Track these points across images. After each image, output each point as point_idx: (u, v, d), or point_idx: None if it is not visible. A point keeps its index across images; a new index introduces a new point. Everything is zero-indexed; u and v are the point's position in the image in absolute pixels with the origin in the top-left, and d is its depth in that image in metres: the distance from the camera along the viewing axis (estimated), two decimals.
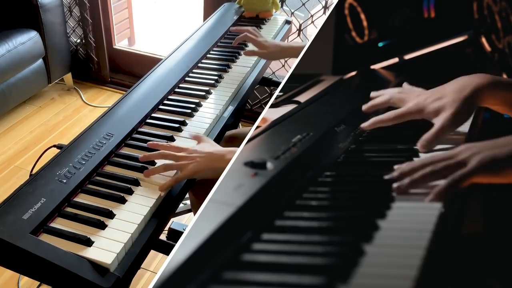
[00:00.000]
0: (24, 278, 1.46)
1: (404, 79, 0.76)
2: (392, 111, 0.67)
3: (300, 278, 0.39)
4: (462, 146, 0.54)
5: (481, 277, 0.42)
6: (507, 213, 0.49)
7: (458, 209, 0.50)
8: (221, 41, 1.43)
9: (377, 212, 0.49)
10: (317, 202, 0.54)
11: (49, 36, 2.17)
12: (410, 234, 0.46)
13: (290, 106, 0.74)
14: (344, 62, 0.90)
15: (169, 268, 0.41)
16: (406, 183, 0.53)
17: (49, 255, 0.70)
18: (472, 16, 0.84)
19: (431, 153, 0.60)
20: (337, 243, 0.45)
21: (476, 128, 0.65)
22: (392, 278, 0.39)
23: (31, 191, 0.80)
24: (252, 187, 0.51)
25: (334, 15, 0.89)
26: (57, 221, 0.77)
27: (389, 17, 0.90)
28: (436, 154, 0.56)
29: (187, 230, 0.45)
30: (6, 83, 2.02)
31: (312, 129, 0.66)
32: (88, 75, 2.55)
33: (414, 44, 0.86)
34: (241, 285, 0.40)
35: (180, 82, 1.20)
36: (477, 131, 0.64)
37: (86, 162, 0.87)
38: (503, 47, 0.82)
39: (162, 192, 0.85)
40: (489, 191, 0.54)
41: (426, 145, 0.60)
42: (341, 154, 0.64)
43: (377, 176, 0.59)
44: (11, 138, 2.11)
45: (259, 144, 0.62)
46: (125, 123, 1.00)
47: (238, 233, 0.45)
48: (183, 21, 3.71)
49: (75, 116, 2.29)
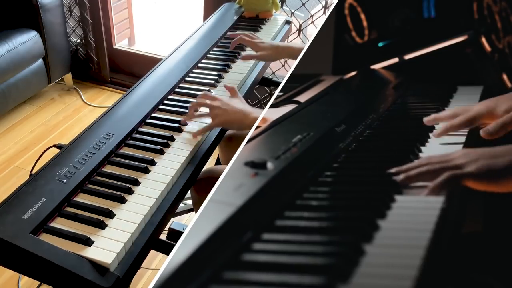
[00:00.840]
0: (24, 278, 1.47)
1: (404, 79, 0.76)
2: (462, 115, 0.64)
3: (300, 278, 0.39)
4: (461, 151, 0.54)
5: (480, 276, 0.42)
6: (507, 213, 0.49)
7: (458, 209, 0.50)
8: (221, 41, 1.43)
9: (377, 212, 0.49)
10: (317, 202, 0.54)
11: (49, 36, 2.17)
12: (410, 234, 0.45)
13: (290, 106, 0.74)
14: (344, 62, 0.90)
15: (169, 268, 0.41)
16: (400, 178, 0.54)
17: (49, 255, 0.70)
18: (472, 16, 0.84)
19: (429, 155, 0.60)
20: (337, 243, 0.45)
21: (475, 132, 0.65)
22: (392, 278, 0.39)
23: (31, 191, 0.80)
24: (252, 187, 0.51)
25: (334, 15, 0.89)
26: (57, 221, 0.77)
27: (389, 17, 0.90)
28: (434, 156, 0.56)
29: (187, 230, 0.45)
30: (6, 83, 2.02)
31: (312, 129, 0.66)
32: (88, 75, 2.55)
33: (414, 44, 0.86)
34: (241, 285, 0.40)
35: (180, 82, 1.20)
36: (476, 135, 0.63)
37: (86, 162, 0.87)
38: (503, 47, 0.82)
39: (199, 137, 0.98)
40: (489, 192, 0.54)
41: (491, 132, 0.58)
42: (341, 154, 0.64)
43: (377, 176, 0.59)
44: (11, 138, 2.11)
45: (259, 144, 0.62)
46: (125, 123, 1.00)
47: (238, 233, 0.45)
48: (183, 21, 3.71)
49: (75, 116, 2.29)
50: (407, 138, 0.68)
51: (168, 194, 0.86)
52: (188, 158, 0.94)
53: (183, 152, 0.95)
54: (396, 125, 0.76)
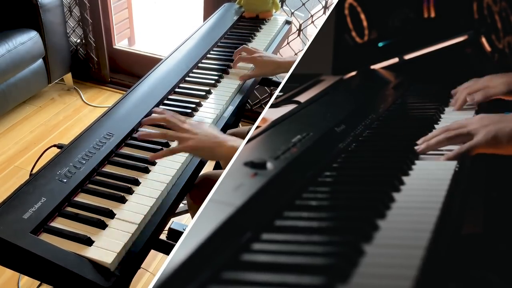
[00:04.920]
0: (24, 277, 1.47)
1: (404, 79, 0.76)
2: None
3: (299, 278, 0.39)
4: (477, 117, 0.62)
5: (480, 272, 0.42)
6: (506, 212, 0.50)
7: (457, 209, 0.50)
8: (221, 41, 1.43)
9: (377, 212, 0.49)
10: (316, 202, 0.54)
11: (49, 36, 2.17)
12: (409, 234, 0.46)
13: (290, 106, 0.74)
14: (344, 62, 0.90)
15: (169, 268, 0.41)
16: (422, 147, 0.62)
17: (49, 255, 0.70)
18: (472, 16, 0.84)
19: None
20: (337, 243, 0.45)
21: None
22: (392, 278, 0.39)
23: (31, 190, 0.80)
24: (252, 187, 0.51)
25: (334, 15, 0.89)
26: (58, 221, 0.77)
27: (389, 17, 0.90)
28: (451, 124, 0.63)
29: (187, 230, 0.45)
30: (6, 83, 2.02)
31: (312, 129, 0.66)
32: (88, 75, 2.55)
33: (414, 44, 0.86)
34: (241, 285, 0.40)
35: (180, 82, 1.20)
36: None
37: (86, 162, 0.87)
38: (503, 47, 0.82)
39: (155, 160, 0.89)
40: (489, 191, 0.54)
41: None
42: (341, 154, 0.64)
43: (377, 176, 0.59)
44: (11, 138, 2.11)
45: (259, 144, 0.62)
46: (125, 123, 1.00)
47: (238, 233, 0.45)
48: (183, 21, 3.71)
49: (75, 116, 2.29)
50: (407, 138, 0.68)
51: (168, 194, 0.86)
52: (189, 158, 0.94)
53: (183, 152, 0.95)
54: (396, 125, 0.76)
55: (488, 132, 0.57)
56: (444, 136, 0.61)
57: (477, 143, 0.57)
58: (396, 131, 0.73)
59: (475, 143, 0.58)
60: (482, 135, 0.57)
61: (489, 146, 0.57)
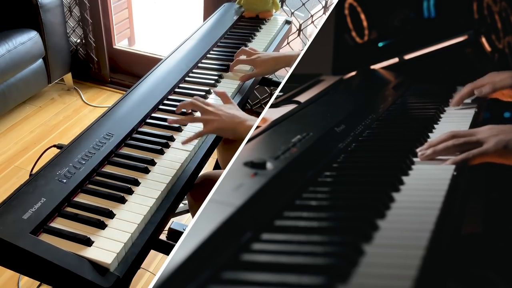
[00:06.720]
0: (24, 278, 1.47)
1: (404, 79, 0.76)
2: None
3: (299, 278, 0.39)
4: (486, 127, 0.60)
5: (480, 270, 0.42)
6: (506, 212, 0.50)
7: (457, 209, 0.50)
8: (221, 41, 1.43)
9: (377, 212, 0.49)
10: (316, 202, 0.54)
11: (49, 36, 2.17)
12: (409, 234, 0.45)
13: (290, 106, 0.74)
14: (344, 62, 0.90)
15: (169, 268, 0.41)
16: (428, 153, 0.60)
17: (49, 255, 0.70)
18: (472, 16, 0.84)
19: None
20: (337, 243, 0.45)
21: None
22: (392, 278, 0.39)
23: (31, 191, 0.80)
24: (252, 187, 0.51)
25: (334, 15, 0.89)
26: (57, 221, 0.77)
27: (389, 17, 0.90)
28: (459, 131, 0.62)
29: (187, 230, 0.45)
30: (6, 83, 2.02)
31: (312, 129, 0.66)
32: (88, 75, 2.55)
33: (414, 44, 0.86)
34: (241, 285, 0.40)
35: (180, 82, 1.20)
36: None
37: (86, 162, 0.87)
38: (503, 47, 0.82)
39: (187, 144, 0.94)
40: (489, 191, 0.54)
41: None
42: (341, 154, 0.64)
43: (377, 176, 0.59)
44: (11, 138, 2.11)
45: (259, 144, 0.62)
46: (125, 123, 1.00)
47: (237, 233, 0.45)
48: (183, 21, 3.71)
49: (75, 116, 2.29)
50: (407, 138, 0.68)
51: (168, 194, 0.86)
52: (188, 158, 0.94)
53: (183, 152, 0.95)
54: (396, 125, 0.76)
55: (499, 141, 0.56)
56: (453, 143, 0.59)
57: (487, 151, 0.56)
58: (396, 131, 0.73)
59: (485, 150, 0.57)
60: (492, 144, 0.56)
61: (497, 156, 0.56)
